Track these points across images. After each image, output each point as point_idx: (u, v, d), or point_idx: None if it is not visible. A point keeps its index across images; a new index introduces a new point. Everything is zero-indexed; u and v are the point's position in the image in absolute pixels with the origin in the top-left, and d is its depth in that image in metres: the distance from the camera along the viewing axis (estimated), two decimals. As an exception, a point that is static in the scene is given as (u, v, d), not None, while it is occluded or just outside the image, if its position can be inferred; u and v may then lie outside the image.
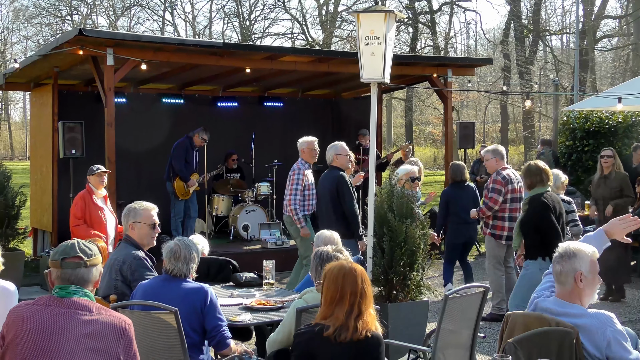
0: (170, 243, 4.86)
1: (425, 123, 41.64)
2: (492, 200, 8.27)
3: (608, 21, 32.84)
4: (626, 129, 13.31)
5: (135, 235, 5.34)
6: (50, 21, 38.51)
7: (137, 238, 5.33)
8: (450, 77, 13.04)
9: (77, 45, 9.72)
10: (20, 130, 47.88)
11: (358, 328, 3.60)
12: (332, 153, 8.30)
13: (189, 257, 4.77)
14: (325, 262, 4.42)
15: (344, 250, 4.75)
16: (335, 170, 8.20)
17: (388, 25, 6.04)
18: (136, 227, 5.34)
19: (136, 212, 5.39)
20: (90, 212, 8.29)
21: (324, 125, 15.18)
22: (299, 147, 8.81)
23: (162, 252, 4.86)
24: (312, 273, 4.77)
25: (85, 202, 8.32)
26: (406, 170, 7.72)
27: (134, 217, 5.38)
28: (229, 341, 4.73)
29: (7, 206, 10.73)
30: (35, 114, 13.51)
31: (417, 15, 32.21)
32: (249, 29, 36.74)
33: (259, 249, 11.53)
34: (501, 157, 8.46)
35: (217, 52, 11.20)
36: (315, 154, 8.78)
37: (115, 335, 3.19)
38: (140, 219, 5.36)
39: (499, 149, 8.55)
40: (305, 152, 8.77)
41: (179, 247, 4.78)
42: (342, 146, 8.37)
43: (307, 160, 8.76)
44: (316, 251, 4.81)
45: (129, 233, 5.38)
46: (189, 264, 4.77)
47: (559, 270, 3.94)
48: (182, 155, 11.72)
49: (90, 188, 8.44)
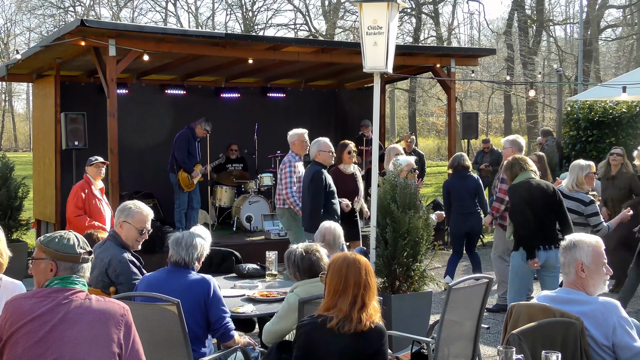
0: (176, 233, 4.87)
1: (429, 114, 41.57)
2: (502, 191, 8.18)
3: (612, 11, 32.79)
4: (630, 119, 13.25)
5: (122, 234, 5.19)
6: (53, 12, 38.42)
7: (124, 237, 5.18)
8: (453, 67, 12.99)
9: (79, 36, 9.70)
10: (23, 121, 47.89)
11: (362, 320, 3.59)
12: (315, 149, 8.28)
13: (189, 244, 4.76)
14: (295, 262, 4.69)
15: (320, 249, 4.80)
16: (315, 166, 8.18)
17: (391, 15, 6.00)
18: (125, 226, 5.19)
19: (129, 212, 5.21)
20: (89, 203, 8.22)
21: (326, 116, 15.17)
22: (289, 139, 8.76)
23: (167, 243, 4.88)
24: (290, 271, 4.83)
25: (84, 191, 8.24)
26: (407, 161, 7.66)
27: (125, 216, 5.20)
28: (233, 333, 4.73)
29: (10, 198, 10.75)
30: (37, 106, 13.51)
31: (420, 5, 32.13)
32: (251, 20, 36.67)
33: (262, 240, 11.52)
34: (519, 149, 8.20)
35: (219, 42, 11.16)
36: (306, 146, 8.72)
37: (115, 321, 3.22)
38: (130, 220, 5.18)
39: (517, 140, 8.33)
40: (295, 145, 8.72)
41: (182, 235, 4.81)
42: (325, 142, 8.33)
43: (297, 153, 8.75)
44: (287, 252, 4.85)
45: (116, 229, 5.23)
46: (190, 251, 4.75)
47: (562, 261, 4.00)
48: (185, 147, 11.70)
49: (89, 179, 8.33)
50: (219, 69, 13.19)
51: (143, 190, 12.67)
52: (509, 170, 6.89)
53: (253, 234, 12.14)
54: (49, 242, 3.31)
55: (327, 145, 8.31)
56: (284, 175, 8.56)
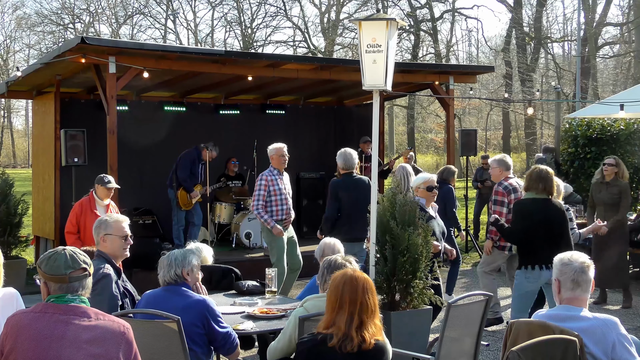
0: (162, 258, 4.95)
1: (427, 130, 41.67)
2: (497, 212, 8.17)
3: (609, 28, 32.91)
4: (628, 136, 13.29)
5: (108, 248, 5.17)
6: (52, 29, 38.64)
7: (110, 251, 5.16)
8: (452, 84, 13.03)
9: (79, 54, 9.73)
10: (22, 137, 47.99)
11: (366, 339, 3.56)
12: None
13: (169, 262, 4.85)
14: (333, 271, 4.39)
15: (352, 260, 4.72)
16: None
17: (390, 33, 6.04)
18: (108, 239, 5.17)
19: (107, 224, 5.20)
20: (85, 220, 8.17)
21: (326, 133, 15.19)
22: (268, 153, 8.98)
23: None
24: (319, 280, 4.76)
25: (82, 209, 8.23)
26: (424, 179, 7.34)
27: (105, 229, 5.19)
28: (237, 343, 4.81)
29: (10, 214, 10.75)
30: (37, 122, 13.53)
31: (418, 22, 32.28)
32: (251, 37, 36.82)
33: (261, 257, 11.50)
34: (506, 168, 8.27)
35: (219, 60, 11.21)
36: (284, 161, 8.92)
37: (114, 340, 3.20)
38: (111, 231, 5.18)
39: (505, 160, 8.38)
40: (274, 159, 8.91)
41: (161, 259, 4.92)
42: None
43: (275, 167, 8.85)
44: (325, 259, 4.78)
45: (100, 247, 5.21)
46: (173, 269, 4.82)
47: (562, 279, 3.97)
48: (188, 166, 11.76)
49: (94, 197, 8.32)
50: (219, 85, 13.23)
51: (142, 207, 12.68)
52: (529, 182, 6.82)
53: (252, 251, 12.14)
54: (41, 262, 3.32)
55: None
56: (255, 187, 8.76)
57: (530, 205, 6.77)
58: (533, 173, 6.87)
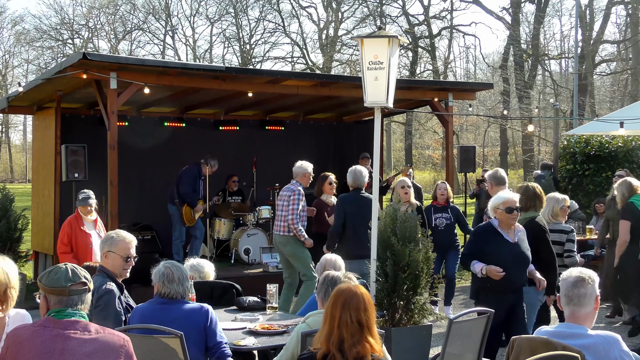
0: (159, 267, 4.83)
1: (425, 146, 41.77)
2: None
3: (606, 46, 33.10)
4: (626, 153, 13.36)
5: (109, 265, 5.15)
6: (51, 44, 38.78)
7: (110, 268, 5.14)
8: (451, 101, 13.08)
9: (80, 69, 9.77)
10: (20, 153, 47.99)
11: (363, 354, 3.52)
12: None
13: (182, 278, 4.79)
14: (331, 286, 4.40)
15: (352, 277, 4.71)
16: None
17: (391, 51, 6.09)
18: (110, 256, 5.15)
19: (112, 241, 5.17)
20: (76, 238, 8.18)
21: (325, 149, 15.22)
22: (299, 171, 9.07)
23: (151, 277, 4.86)
24: (318, 296, 4.76)
25: (71, 227, 8.22)
26: (504, 199, 6.24)
27: (109, 246, 5.16)
28: (229, 355, 4.75)
29: (10, 229, 10.77)
30: (38, 137, 13.55)
31: (416, 39, 32.42)
32: (249, 53, 36.98)
33: (260, 273, 11.51)
34: (497, 182, 7.97)
35: (219, 76, 11.25)
36: (309, 180, 9.21)
37: (115, 353, 3.21)
38: (114, 249, 5.14)
39: (497, 174, 8.11)
40: (305, 176, 9.13)
41: (171, 270, 4.78)
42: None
43: (302, 183, 9.10)
44: (325, 274, 4.79)
45: (102, 262, 5.20)
46: (184, 284, 4.79)
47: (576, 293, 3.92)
48: (191, 182, 11.81)
49: (79, 214, 8.33)
50: (219, 101, 13.28)
51: (142, 222, 12.68)
52: (526, 201, 6.76)
53: (251, 267, 12.12)
54: (42, 276, 3.35)
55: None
56: (292, 202, 8.73)
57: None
58: (529, 191, 6.84)
